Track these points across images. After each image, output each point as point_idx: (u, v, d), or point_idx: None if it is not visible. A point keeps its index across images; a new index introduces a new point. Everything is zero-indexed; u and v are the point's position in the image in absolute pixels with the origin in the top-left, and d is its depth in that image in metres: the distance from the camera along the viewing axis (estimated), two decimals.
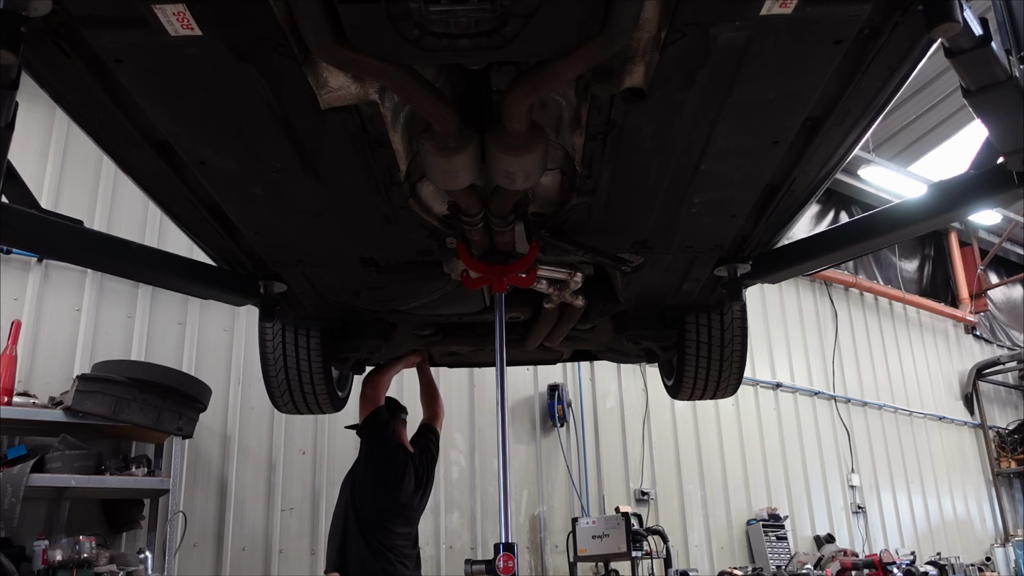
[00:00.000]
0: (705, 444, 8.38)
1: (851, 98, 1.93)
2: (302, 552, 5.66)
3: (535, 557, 6.84)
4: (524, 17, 1.47)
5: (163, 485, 4.62)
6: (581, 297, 3.02)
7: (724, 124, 1.90)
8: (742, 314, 3.43)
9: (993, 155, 2.16)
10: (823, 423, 9.74)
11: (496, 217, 2.36)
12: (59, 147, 5.24)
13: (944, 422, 11.49)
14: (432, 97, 1.75)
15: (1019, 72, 1.84)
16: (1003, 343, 12.89)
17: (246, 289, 2.82)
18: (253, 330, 4.57)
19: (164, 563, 4.63)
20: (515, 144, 1.93)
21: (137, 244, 2.65)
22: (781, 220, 2.61)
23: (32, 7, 1.49)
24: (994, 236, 12.90)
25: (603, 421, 7.70)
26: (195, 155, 2.00)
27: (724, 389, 3.72)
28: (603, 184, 2.19)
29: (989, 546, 10.91)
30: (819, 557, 8.20)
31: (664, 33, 1.60)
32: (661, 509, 7.77)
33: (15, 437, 4.56)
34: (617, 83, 1.79)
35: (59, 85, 1.84)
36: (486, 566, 2.24)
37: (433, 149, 1.93)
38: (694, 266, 2.77)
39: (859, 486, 9.74)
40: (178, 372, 4.89)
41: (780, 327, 9.67)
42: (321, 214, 2.32)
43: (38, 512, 4.54)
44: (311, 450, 5.91)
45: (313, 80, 1.74)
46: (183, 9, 1.46)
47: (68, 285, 5.12)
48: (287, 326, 3.42)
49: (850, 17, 1.57)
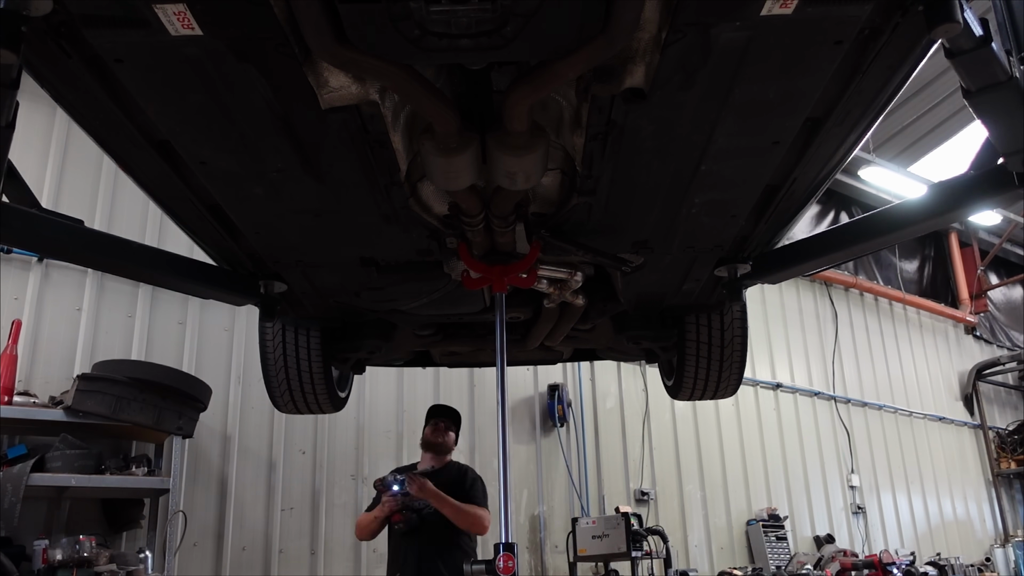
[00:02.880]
0: (705, 444, 8.38)
1: (851, 98, 1.93)
2: (302, 552, 5.66)
3: (535, 557, 6.84)
4: (524, 17, 1.47)
5: (163, 485, 4.62)
6: (581, 296, 3.02)
7: (725, 124, 1.90)
8: (742, 314, 3.43)
9: (993, 156, 2.16)
10: (823, 423, 9.74)
11: (497, 217, 2.36)
12: (59, 147, 5.24)
13: (944, 423, 11.49)
14: (433, 97, 1.75)
15: (1019, 73, 1.84)
16: (1003, 344, 12.88)
17: (246, 289, 2.82)
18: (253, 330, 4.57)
19: (164, 563, 4.63)
20: (516, 145, 1.93)
21: (137, 244, 2.66)
22: (781, 220, 2.61)
23: (33, 7, 1.49)
24: (994, 237, 12.89)
25: (603, 421, 7.70)
26: (195, 155, 2.01)
27: (724, 389, 3.72)
28: (603, 184, 2.19)
29: (989, 547, 10.90)
30: (819, 557, 8.20)
31: (664, 33, 1.60)
32: (661, 509, 7.77)
33: (15, 436, 4.56)
34: (618, 83, 1.79)
35: (60, 85, 1.84)
36: (486, 566, 2.24)
37: (434, 149, 1.93)
38: (694, 266, 2.77)
39: (859, 486, 9.74)
40: (178, 372, 4.89)
41: (780, 327, 9.67)
42: (321, 214, 2.32)
43: (38, 511, 4.54)
44: (311, 450, 5.91)
45: (313, 80, 1.74)
46: (184, 9, 1.45)
47: (68, 285, 5.12)
48: (287, 326, 3.42)
49: (850, 18, 1.57)
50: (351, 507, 5.94)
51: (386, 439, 6.31)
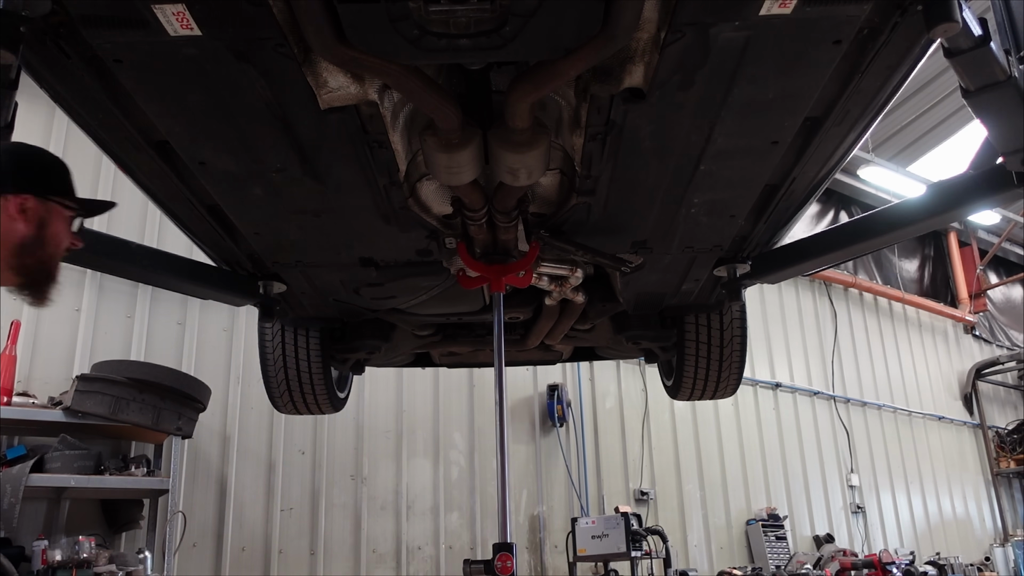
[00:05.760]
0: (704, 444, 8.38)
1: (850, 98, 1.93)
2: (302, 552, 5.66)
3: (534, 557, 6.84)
4: (523, 17, 1.47)
5: (163, 485, 4.61)
6: (582, 293, 3.02)
7: (723, 124, 1.90)
8: (741, 314, 3.43)
9: (992, 155, 2.17)
10: (822, 423, 9.75)
11: (500, 213, 2.36)
12: (59, 147, 5.23)
13: (943, 422, 11.49)
14: (435, 94, 1.75)
15: (1018, 72, 1.84)
16: (1002, 343, 12.89)
17: (246, 289, 2.82)
18: (253, 330, 4.57)
19: (164, 563, 4.63)
20: (518, 142, 1.93)
21: (137, 244, 2.66)
22: (781, 220, 2.61)
23: (32, 7, 1.49)
24: (993, 236, 12.91)
25: (603, 421, 7.70)
26: (194, 155, 2.00)
27: (724, 389, 3.73)
28: (603, 184, 2.19)
29: (988, 546, 10.90)
30: (818, 557, 8.20)
31: (664, 33, 1.60)
32: (660, 509, 7.77)
33: (15, 437, 4.55)
34: (617, 83, 1.79)
35: (58, 85, 1.83)
36: (485, 566, 2.24)
37: (436, 145, 1.93)
38: (693, 266, 2.77)
39: (858, 486, 9.75)
40: (178, 372, 4.89)
41: (779, 327, 9.67)
42: (321, 214, 2.32)
43: (38, 512, 4.54)
44: (311, 450, 5.91)
45: (312, 80, 1.74)
46: (183, 9, 1.45)
47: (68, 285, 5.11)
48: (287, 326, 3.42)
49: (849, 17, 1.57)
50: (350, 507, 5.94)
51: (385, 439, 6.32)
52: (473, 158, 2.00)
